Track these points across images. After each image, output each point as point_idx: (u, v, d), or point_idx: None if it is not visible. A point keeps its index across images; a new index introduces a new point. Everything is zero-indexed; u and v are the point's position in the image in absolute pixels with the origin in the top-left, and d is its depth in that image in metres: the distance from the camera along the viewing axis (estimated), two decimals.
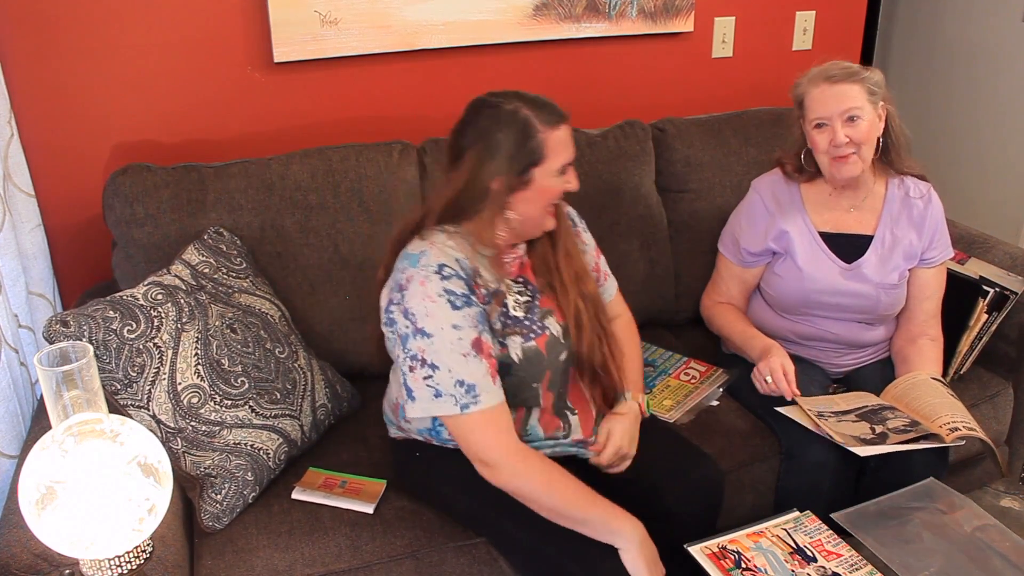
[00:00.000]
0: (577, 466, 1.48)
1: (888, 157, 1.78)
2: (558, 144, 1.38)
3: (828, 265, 1.79)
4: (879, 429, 1.59)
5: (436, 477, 1.51)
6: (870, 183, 1.81)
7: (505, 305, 1.44)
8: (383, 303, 1.41)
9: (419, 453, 1.53)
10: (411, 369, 1.36)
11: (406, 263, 1.38)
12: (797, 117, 1.79)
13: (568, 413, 1.53)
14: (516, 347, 1.42)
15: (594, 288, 1.56)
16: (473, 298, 1.36)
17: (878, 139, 1.73)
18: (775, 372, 1.67)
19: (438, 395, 1.34)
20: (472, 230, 1.40)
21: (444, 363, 1.33)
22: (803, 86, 1.74)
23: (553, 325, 1.49)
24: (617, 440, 1.50)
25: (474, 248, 1.40)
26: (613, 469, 1.51)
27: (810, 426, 1.63)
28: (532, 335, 1.45)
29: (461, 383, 1.33)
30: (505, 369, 1.41)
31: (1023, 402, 2.00)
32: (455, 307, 1.34)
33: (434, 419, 1.47)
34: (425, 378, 1.34)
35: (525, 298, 1.48)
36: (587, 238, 1.66)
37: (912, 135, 1.79)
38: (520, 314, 1.46)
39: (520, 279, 1.49)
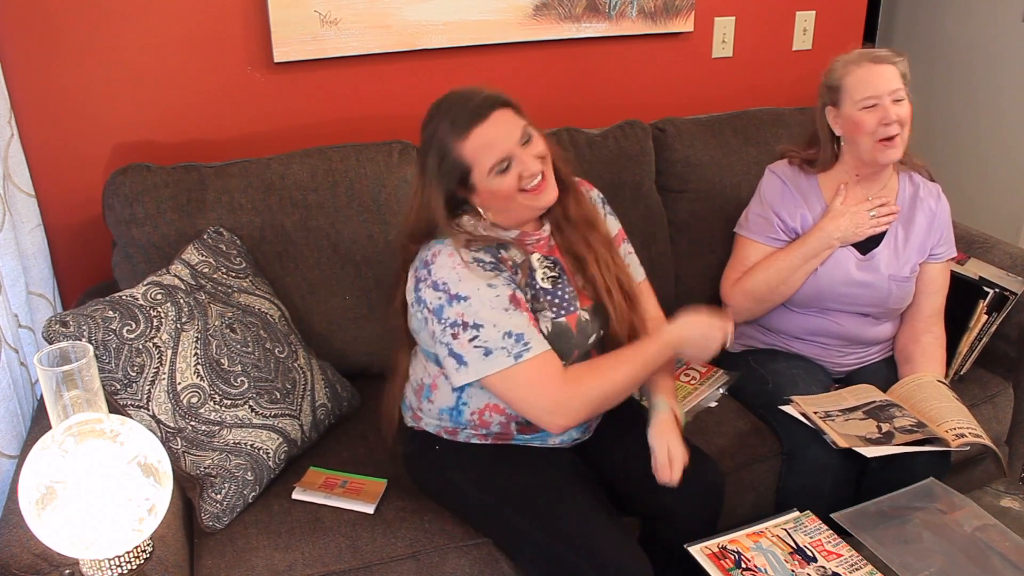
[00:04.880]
0: (574, 453, 1.52)
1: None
2: (477, 150, 1.37)
3: (844, 254, 1.79)
4: (886, 428, 1.59)
5: (450, 470, 1.50)
6: (888, 174, 1.82)
7: (532, 276, 1.45)
8: (410, 284, 1.43)
9: (438, 447, 1.53)
10: (455, 336, 1.36)
11: (432, 240, 1.40)
12: (824, 105, 1.77)
13: None
14: (546, 321, 1.44)
15: (621, 262, 1.56)
16: (502, 264, 1.39)
17: None
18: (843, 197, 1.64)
19: (488, 352, 1.35)
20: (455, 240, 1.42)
21: (488, 319, 1.34)
22: (841, 69, 1.72)
23: (584, 305, 1.50)
24: (679, 455, 1.46)
25: (495, 232, 1.43)
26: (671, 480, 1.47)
27: (813, 426, 1.63)
28: (563, 312, 1.46)
29: (509, 334, 1.34)
30: None
31: (1023, 402, 2.00)
32: (486, 270, 1.37)
33: (458, 397, 1.47)
34: (471, 339, 1.35)
35: (553, 273, 1.49)
36: (612, 221, 1.64)
37: (913, 135, 1.80)
38: (548, 286, 1.47)
39: (549, 258, 1.50)
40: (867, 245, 1.80)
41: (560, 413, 1.38)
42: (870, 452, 1.53)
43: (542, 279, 1.46)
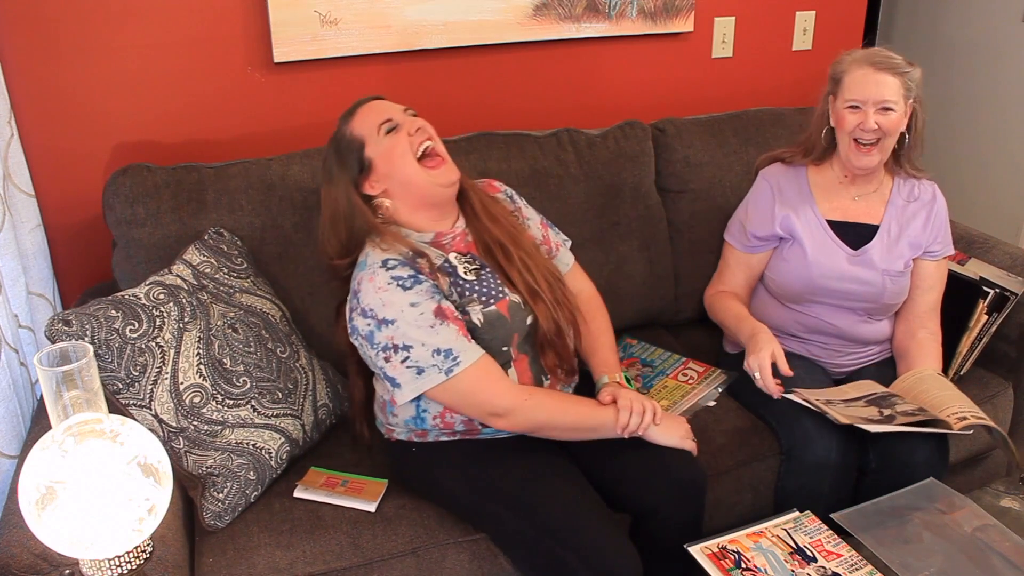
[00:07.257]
0: (558, 445, 1.53)
1: (901, 154, 1.79)
2: (364, 120, 1.50)
3: (835, 251, 1.80)
4: (887, 412, 1.59)
5: (434, 472, 1.51)
6: (881, 175, 1.83)
7: (454, 273, 1.48)
8: (347, 317, 1.47)
9: (415, 449, 1.54)
10: (387, 360, 1.39)
11: (356, 270, 1.46)
12: (827, 93, 1.79)
13: (543, 378, 1.54)
14: (477, 313, 1.46)
15: (537, 253, 1.59)
16: (421, 275, 1.41)
17: (901, 134, 1.75)
18: (763, 370, 1.64)
19: (420, 371, 1.38)
20: (385, 240, 1.46)
21: (416, 339, 1.37)
22: (845, 64, 1.74)
23: (512, 293, 1.51)
24: (627, 402, 1.47)
25: (411, 239, 1.48)
26: (645, 427, 1.48)
27: (816, 408, 1.62)
28: (492, 300, 1.48)
29: (438, 351, 1.37)
30: (470, 335, 1.44)
31: (1023, 402, 2.00)
32: (406, 288, 1.39)
33: (417, 406, 1.49)
34: (403, 361, 1.38)
35: (475, 266, 1.51)
36: (529, 212, 1.71)
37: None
38: (472, 278, 1.48)
39: (467, 254, 1.52)
40: (857, 242, 1.80)
41: (510, 414, 1.42)
42: (872, 428, 1.53)
43: (464, 272, 1.49)
